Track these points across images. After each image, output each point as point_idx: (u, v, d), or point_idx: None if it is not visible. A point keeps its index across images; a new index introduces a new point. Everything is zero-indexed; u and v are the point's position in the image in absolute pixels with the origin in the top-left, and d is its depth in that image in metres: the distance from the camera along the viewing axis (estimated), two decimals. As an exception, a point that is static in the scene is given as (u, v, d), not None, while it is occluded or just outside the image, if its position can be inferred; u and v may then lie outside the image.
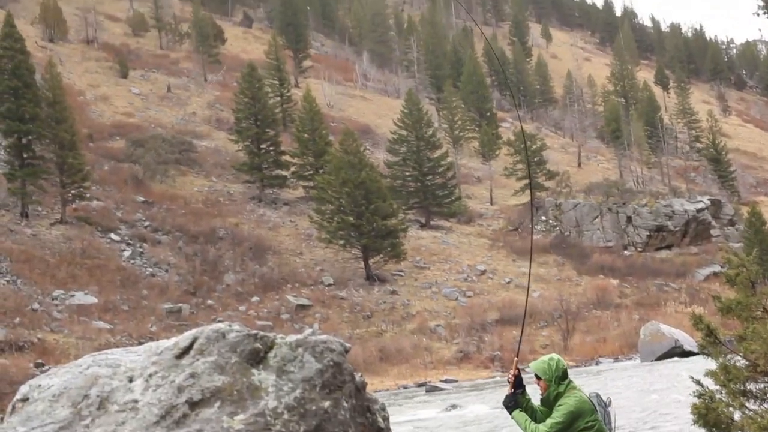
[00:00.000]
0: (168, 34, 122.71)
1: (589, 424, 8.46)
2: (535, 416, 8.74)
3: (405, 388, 47.99)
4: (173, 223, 68.31)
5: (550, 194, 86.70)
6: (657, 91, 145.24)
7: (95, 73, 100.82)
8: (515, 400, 8.72)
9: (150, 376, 4.20)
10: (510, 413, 8.74)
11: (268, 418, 3.59)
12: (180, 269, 62.73)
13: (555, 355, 8.83)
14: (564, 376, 8.65)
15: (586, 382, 34.68)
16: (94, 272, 58.37)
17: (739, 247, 63.54)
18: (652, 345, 47.70)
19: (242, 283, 63.28)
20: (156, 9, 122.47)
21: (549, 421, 8.43)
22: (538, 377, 8.69)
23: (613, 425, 8.87)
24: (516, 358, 8.99)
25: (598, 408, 8.73)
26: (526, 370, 9.07)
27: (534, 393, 8.67)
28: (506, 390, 8.81)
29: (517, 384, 8.76)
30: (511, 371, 8.82)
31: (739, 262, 9.33)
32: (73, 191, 63.68)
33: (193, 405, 3.78)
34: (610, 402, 8.94)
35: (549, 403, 8.66)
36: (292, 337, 4.08)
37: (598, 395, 8.90)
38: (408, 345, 56.17)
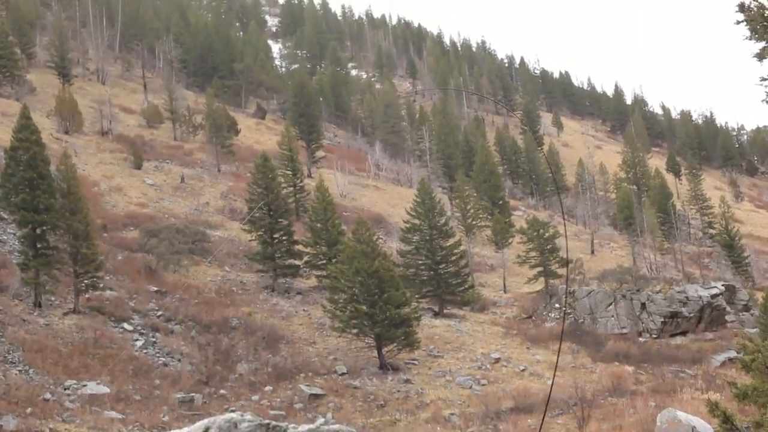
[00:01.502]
0: (182, 126, 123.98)
1: None
2: None
3: (419, 478, 47.49)
4: (186, 313, 68.33)
5: (563, 282, 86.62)
6: (669, 177, 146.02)
7: (110, 164, 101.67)
8: None
9: (162, 465, 4.17)
10: None
11: (280, 508, 3.55)
12: (193, 359, 62.56)
13: None
14: None
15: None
16: (106, 362, 58.24)
17: (754, 333, 63.28)
18: (669, 433, 47.15)
19: (255, 372, 63.03)
20: (170, 101, 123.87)
21: None
22: None
23: None
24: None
25: None
26: None
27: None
28: None
29: None
30: None
31: (755, 348, 9.29)
32: (86, 281, 63.80)
33: (205, 495, 3.75)
34: None
35: None
36: (305, 427, 4.05)
37: None
38: (422, 434, 55.69)
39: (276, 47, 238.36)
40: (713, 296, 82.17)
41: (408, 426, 57.60)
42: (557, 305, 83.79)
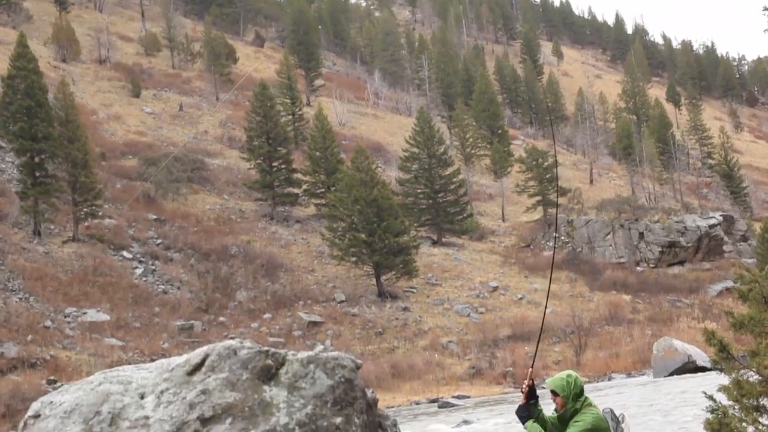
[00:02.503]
0: (180, 54, 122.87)
1: None
2: (546, 427, 8.76)
3: (417, 404, 47.90)
4: (185, 241, 68.42)
5: (562, 211, 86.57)
6: (668, 107, 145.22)
7: (108, 92, 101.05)
8: (528, 411, 8.74)
9: (161, 392, 4.20)
10: (523, 423, 8.76)
11: (280, 434, 3.58)
12: (192, 286, 62.80)
13: (572, 372, 8.88)
14: (581, 393, 8.70)
15: (598, 397, 34.58)
16: (106, 290, 58.48)
17: (752, 263, 63.38)
18: (665, 360, 47.48)
19: (254, 300, 63.31)
20: (168, 29, 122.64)
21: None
22: (555, 393, 8.72)
23: None
24: (530, 369, 8.98)
25: (610, 423, 8.69)
26: (543, 385, 9.02)
27: (546, 405, 8.67)
28: (519, 402, 8.83)
29: (531, 394, 8.75)
30: (525, 381, 8.81)
31: (752, 278, 9.30)
32: (85, 209, 63.83)
33: (205, 421, 3.78)
34: (623, 418, 8.89)
35: (565, 419, 8.67)
36: (304, 354, 4.09)
37: (611, 411, 8.86)
38: (420, 361, 56.10)
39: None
40: (711, 226, 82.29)
41: (406, 353, 58.03)
42: (556, 234, 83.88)
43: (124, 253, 64.28)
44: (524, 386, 8.81)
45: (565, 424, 8.68)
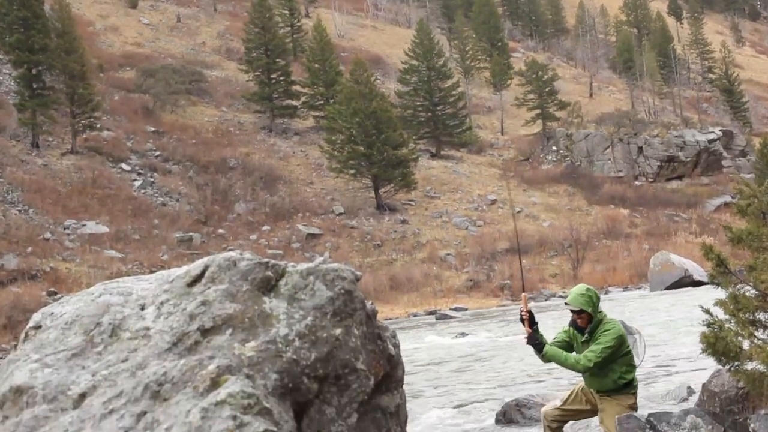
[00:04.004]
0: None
1: (627, 349, 8.39)
2: (564, 348, 8.55)
3: (415, 315, 48.30)
4: (184, 153, 68.38)
5: (561, 124, 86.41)
6: (670, 21, 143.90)
7: (104, 3, 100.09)
8: (538, 338, 8.44)
9: (162, 304, 4.23)
10: (540, 353, 8.45)
11: (280, 345, 3.63)
12: (191, 199, 62.91)
13: (584, 285, 8.67)
14: (599, 302, 8.53)
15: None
16: (105, 202, 58.60)
17: (750, 178, 63.41)
18: (662, 274, 47.74)
19: (253, 212, 63.48)
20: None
21: (596, 347, 8.21)
22: (579, 312, 8.43)
23: (642, 355, 8.73)
24: (524, 294, 8.76)
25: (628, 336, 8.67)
26: (565, 303, 8.80)
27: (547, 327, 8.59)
28: (525, 334, 8.53)
29: (531, 321, 8.47)
30: (522, 308, 8.50)
31: (751, 193, 9.28)
32: (83, 121, 63.70)
33: (205, 332, 3.82)
34: (636, 332, 8.86)
35: (591, 332, 8.44)
36: (303, 266, 4.12)
37: (623, 323, 8.84)
38: (418, 273, 56.44)
39: None
40: (710, 141, 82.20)
41: (404, 266, 58.33)
42: (554, 148, 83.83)
43: (123, 166, 64.28)
44: (523, 312, 8.49)
45: (585, 337, 8.49)
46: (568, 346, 8.63)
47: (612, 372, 8.30)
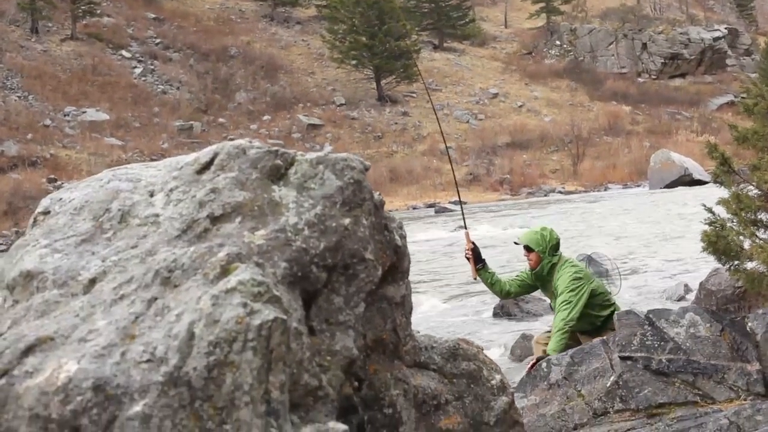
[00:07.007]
0: None
1: (595, 287, 8.11)
2: (512, 288, 8.45)
3: (414, 208, 48.46)
4: (184, 41, 67.80)
5: (565, 18, 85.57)
6: None
7: None
8: (485, 279, 8.31)
9: (171, 190, 4.23)
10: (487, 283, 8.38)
11: (289, 234, 3.63)
12: (191, 87, 62.61)
13: (546, 226, 8.43)
14: (557, 246, 8.20)
15: (595, 205, 35.17)
16: (105, 89, 58.34)
17: (754, 78, 63.04)
18: (662, 172, 47.78)
19: (253, 101, 63.25)
20: None
21: (562, 305, 7.89)
22: (528, 249, 8.18)
23: (619, 285, 8.65)
24: (466, 230, 8.49)
25: (600, 265, 8.61)
26: (515, 242, 8.63)
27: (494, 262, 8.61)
28: (468, 262, 8.33)
29: (477, 259, 8.21)
30: (466, 246, 8.24)
31: (758, 92, 9.26)
32: (83, 7, 63.06)
33: (215, 220, 3.82)
34: (609, 260, 8.79)
35: (541, 276, 8.20)
36: (313, 155, 4.11)
37: (595, 254, 8.79)
38: (418, 166, 56.46)
39: None
40: (715, 39, 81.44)
41: (405, 158, 58.36)
42: (558, 42, 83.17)
43: (123, 53, 63.82)
44: (467, 251, 8.22)
45: (541, 281, 8.26)
46: (528, 286, 8.50)
47: (586, 315, 8.05)
